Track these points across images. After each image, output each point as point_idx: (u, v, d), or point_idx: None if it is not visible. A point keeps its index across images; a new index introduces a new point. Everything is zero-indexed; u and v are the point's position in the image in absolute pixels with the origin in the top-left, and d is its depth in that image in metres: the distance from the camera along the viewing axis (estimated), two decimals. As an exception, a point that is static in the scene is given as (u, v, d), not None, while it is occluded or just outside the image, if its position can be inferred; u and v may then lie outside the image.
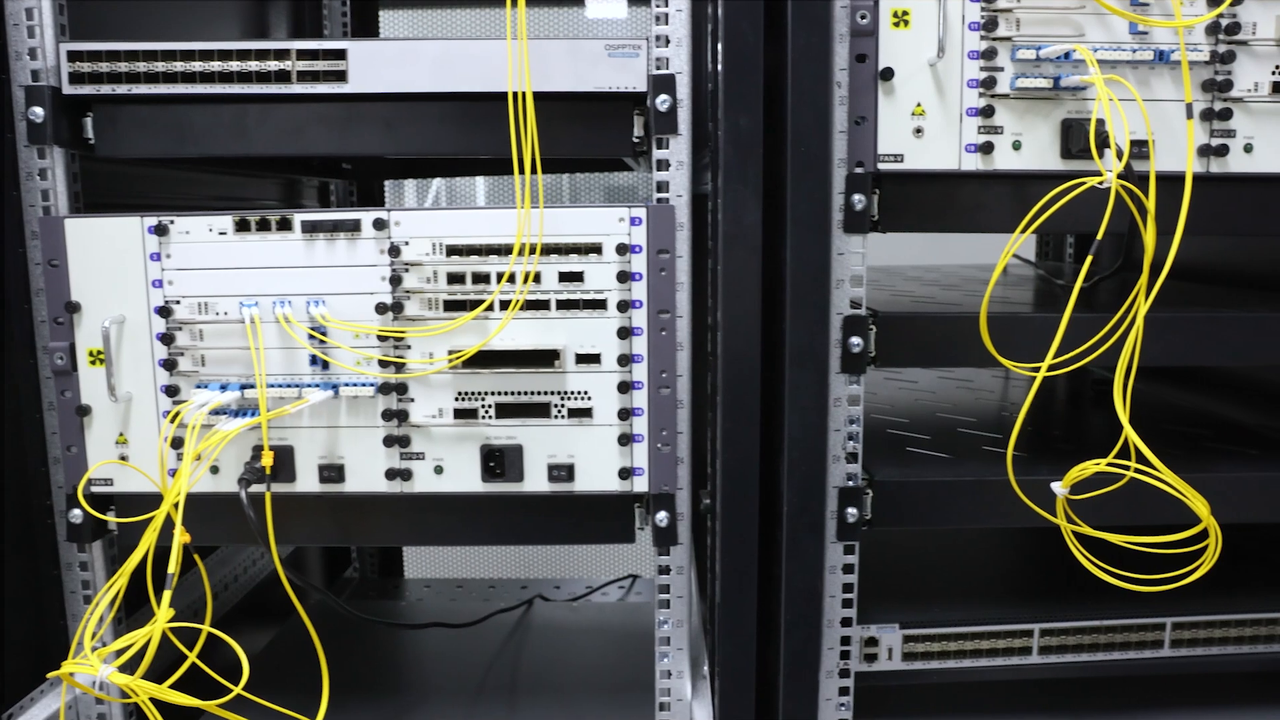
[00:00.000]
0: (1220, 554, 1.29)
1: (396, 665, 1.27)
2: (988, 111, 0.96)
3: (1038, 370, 0.89)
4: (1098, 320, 0.94)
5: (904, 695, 1.15)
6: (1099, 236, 0.86)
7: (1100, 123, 0.92)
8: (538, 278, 0.98)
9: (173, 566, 0.84)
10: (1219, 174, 0.99)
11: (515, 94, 0.92)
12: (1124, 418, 0.87)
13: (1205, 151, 0.98)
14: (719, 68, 0.90)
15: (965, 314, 0.97)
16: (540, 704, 1.19)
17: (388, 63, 0.98)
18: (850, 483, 1.01)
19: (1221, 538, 0.91)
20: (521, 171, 0.90)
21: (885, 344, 1.00)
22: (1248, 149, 0.98)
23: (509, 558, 2.55)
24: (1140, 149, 0.97)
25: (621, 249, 0.97)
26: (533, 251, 0.97)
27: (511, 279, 0.97)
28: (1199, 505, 0.90)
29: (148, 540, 0.89)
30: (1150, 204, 0.89)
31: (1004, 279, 1.56)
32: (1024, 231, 0.87)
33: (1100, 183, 0.86)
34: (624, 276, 0.97)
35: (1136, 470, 0.92)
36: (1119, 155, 0.89)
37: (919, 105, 0.96)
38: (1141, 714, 1.15)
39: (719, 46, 0.90)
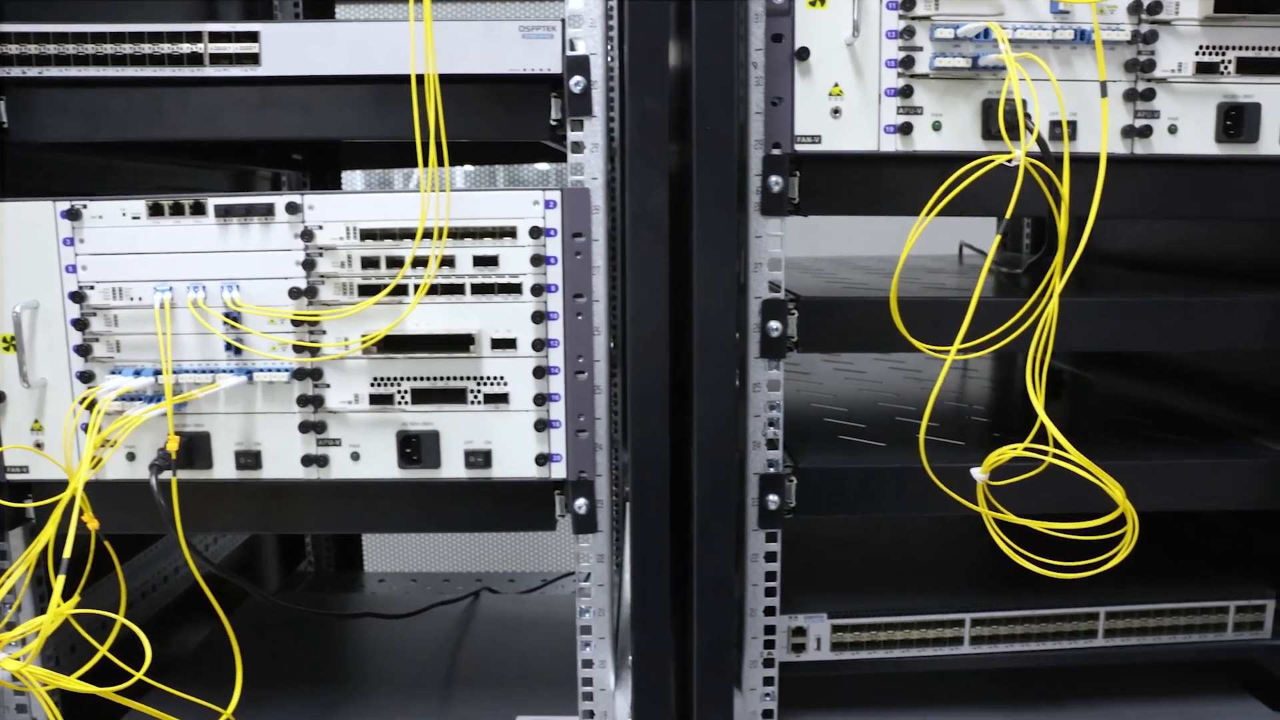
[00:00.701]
0: (1161, 543, 1.28)
1: (329, 657, 1.25)
2: (906, 92, 0.95)
3: (947, 353, 0.88)
4: (1015, 304, 0.92)
5: (835, 685, 1.14)
6: (1007, 216, 0.85)
7: (1013, 102, 0.91)
8: (452, 262, 0.97)
9: (68, 551, 0.84)
10: (1143, 155, 0.97)
11: (420, 76, 0.92)
12: (1038, 402, 0.86)
13: (1129, 133, 0.97)
14: (625, 48, 0.89)
15: (884, 297, 0.96)
16: (476, 694, 1.17)
17: (301, 45, 0.97)
18: (771, 469, 0.99)
19: (1139, 524, 0.89)
20: (426, 155, 0.89)
21: (807, 328, 0.99)
22: (1172, 130, 0.97)
23: (474, 551, 2.54)
24: (1058, 130, 0.95)
25: (535, 232, 0.96)
26: (443, 235, 0.96)
27: (424, 263, 0.96)
28: (1114, 490, 0.88)
29: (50, 527, 0.89)
30: (1064, 187, 0.87)
31: (959, 269, 1.55)
32: (929, 213, 0.86)
33: (1009, 161, 0.85)
34: (538, 260, 0.96)
35: (1055, 455, 0.90)
36: (1029, 133, 0.87)
37: (836, 85, 0.95)
38: (1077, 704, 1.13)
39: (625, 27, 0.89)
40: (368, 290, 0.97)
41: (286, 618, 1.36)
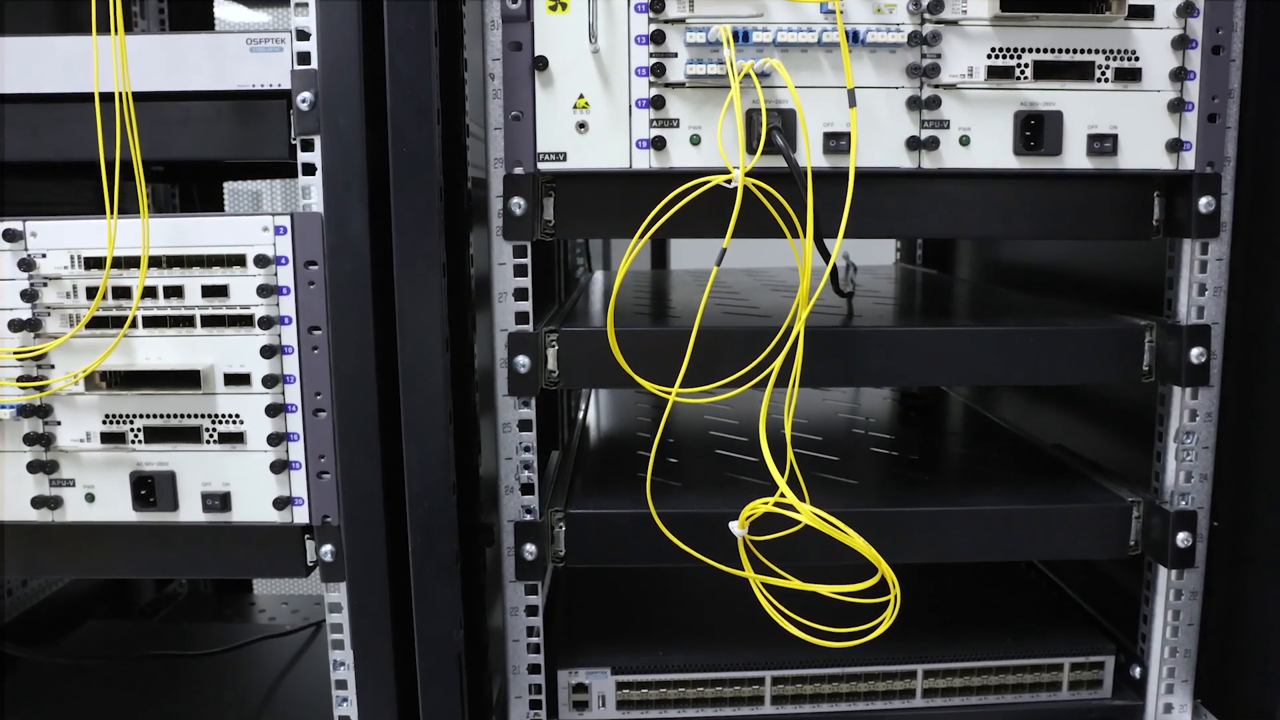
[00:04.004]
0: (1013, 591, 1.17)
1: (116, 705, 1.18)
2: (659, 102, 0.86)
3: (669, 394, 0.79)
4: (766, 335, 0.83)
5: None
6: (725, 245, 0.76)
7: (755, 114, 0.82)
8: (180, 292, 0.90)
9: None
10: (932, 170, 0.87)
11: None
12: (766, 451, 0.76)
13: (914, 145, 0.87)
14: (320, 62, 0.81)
15: (633, 331, 0.87)
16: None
17: (16, 61, 0.91)
18: (528, 516, 0.91)
19: (899, 586, 0.80)
20: (111, 176, 0.83)
21: (568, 363, 0.91)
22: (964, 142, 0.87)
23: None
24: (839, 142, 0.86)
25: (262, 260, 0.89)
26: (173, 264, 0.89)
27: (151, 293, 0.90)
28: (869, 553, 0.79)
29: None
30: (808, 209, 0.78)
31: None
32: (642, 236, 0.77)
33: (726, 182, 0.76)
34: (267, 290, 0.89)
35: (813, 514, 0.80)
36: (753, 148, 0.78)
37: (582, 97, 0.86)
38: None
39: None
40: (94, 322, 0.91)
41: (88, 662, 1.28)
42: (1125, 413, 1.14)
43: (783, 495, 0.77)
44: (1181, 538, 0.92)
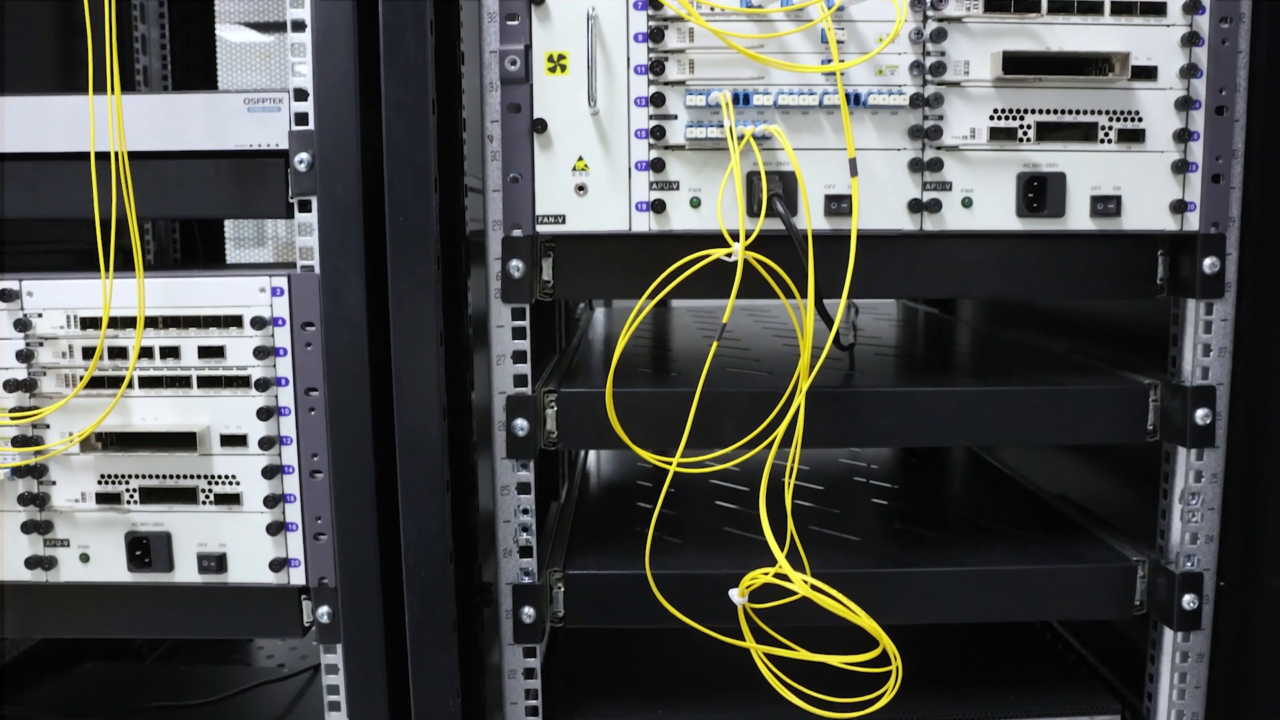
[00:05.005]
0: (1024, 642, 1.16)
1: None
2: (658, 165, 0.85)
3: (669, 465, 0.78)
4: (768, 399, 0.82)
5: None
6: (725, 320, 0.75)
7: (755, 177, 0.81)
8: (176, 353, 0.90)
9: None
10: (934, 232, 0.86)
11: (116, 153, 0.85)
12: (765, 520, 0.76)
13: (916, 207, 0.86)
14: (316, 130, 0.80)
15: (633, 393, 0.87)
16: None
17: (15, 120, 0.90)
18: (526, 579, 0.90)
19: (900, 659, 0.78)
20: (107, 236, 0.82)
21: (567, 424, 0.90)
22: (966, 204, 0.86)
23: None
24: (841, 205, 0.85)
25: (258, 322, 0.88)
26: (170, 324, 0.89)
27: (147, 353, 0.89)
28: (867, 623, 0.78)
29: None
30: (809, 278, 0.77)
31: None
32: (643, 307, 0.76)
33: (726, 256, 0.75)
34: (264, 352, 0.88)
35: (812, 586, 0.79)
36: (754, 212, 0.77)
37: (581, 159, 0.86)
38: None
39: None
40: (91, 383, 0.90)
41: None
42: (1130, 462, 1.13)
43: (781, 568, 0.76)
44: (1187, 600, 0.91)
